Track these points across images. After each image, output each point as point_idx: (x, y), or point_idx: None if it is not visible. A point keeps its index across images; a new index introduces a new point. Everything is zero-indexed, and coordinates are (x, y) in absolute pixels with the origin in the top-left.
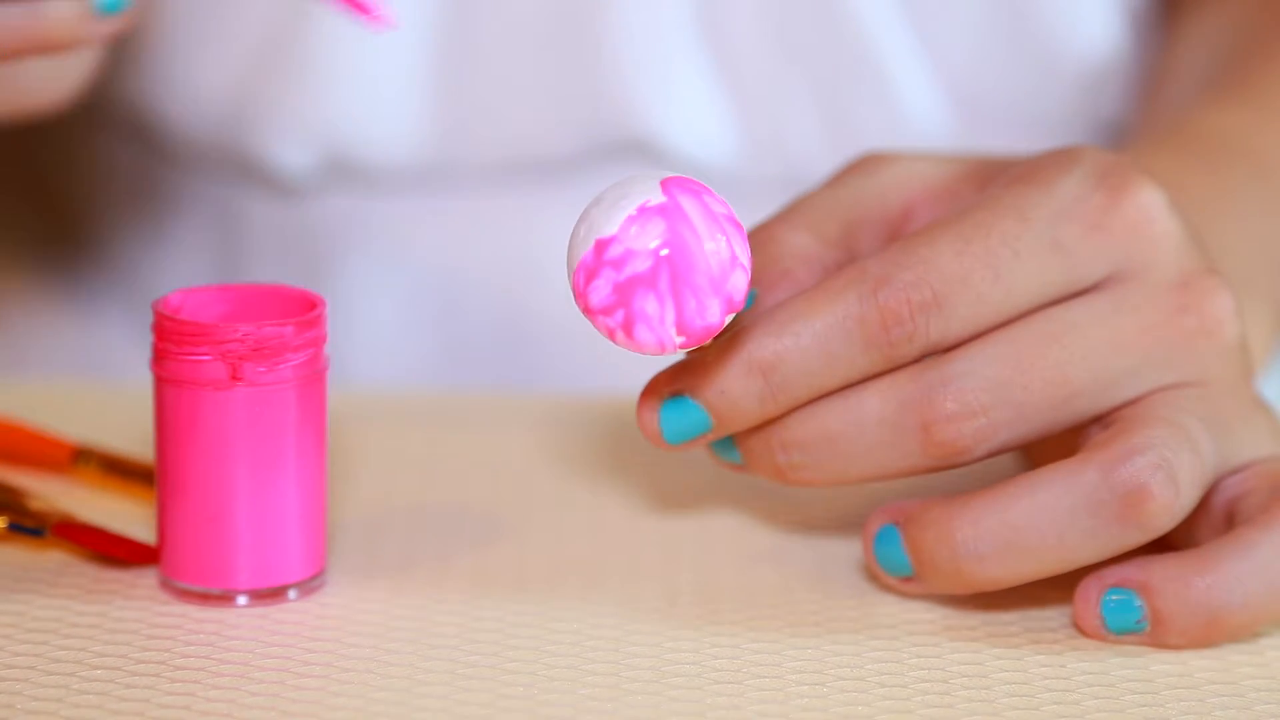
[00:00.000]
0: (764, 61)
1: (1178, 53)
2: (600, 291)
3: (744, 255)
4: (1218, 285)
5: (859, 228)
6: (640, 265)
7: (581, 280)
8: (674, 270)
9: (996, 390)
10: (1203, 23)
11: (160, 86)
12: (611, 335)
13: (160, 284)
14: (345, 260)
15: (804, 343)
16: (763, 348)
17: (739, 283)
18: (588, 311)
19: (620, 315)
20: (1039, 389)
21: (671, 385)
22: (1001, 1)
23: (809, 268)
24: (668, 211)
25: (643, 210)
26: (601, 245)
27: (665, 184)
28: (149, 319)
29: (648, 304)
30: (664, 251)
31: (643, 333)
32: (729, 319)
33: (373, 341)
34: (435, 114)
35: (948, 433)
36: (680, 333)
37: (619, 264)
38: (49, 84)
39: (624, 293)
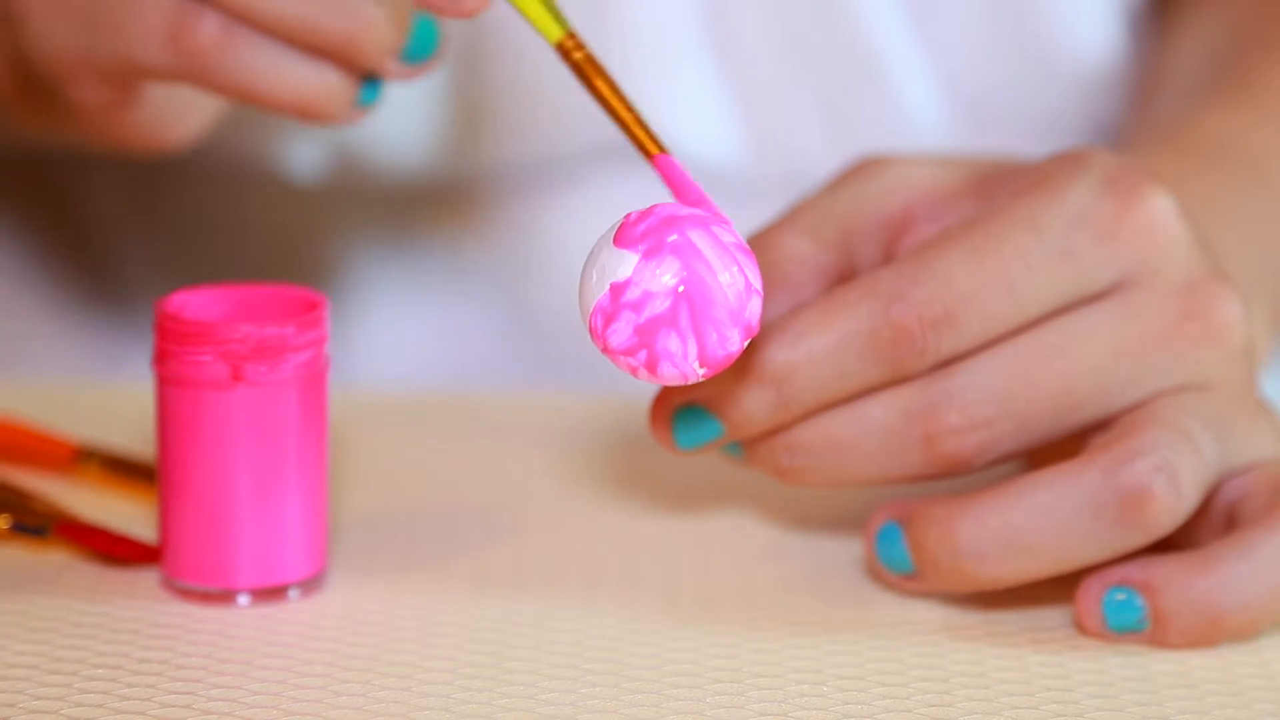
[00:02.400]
0: (768, 63)
1: (1174, 53)
2: (621, 334)
3: (757, 281)
4: (1225, 290)
5: (857, 232)
6: (660, 306)
7: (600, 323)
8: (693, 307)
9: (1000, 403)
10: (1199, 23)
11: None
12: (634, 373)
13: (162, 283)
14: (351, 261)
15: (816, 355)
16: (776, 359)
17: (755, 309)
18: (607, 352)
19: (643, 355)
20: (1043, 401)
21: (685, 395)
22: (1003, 4)
23: (806, 272)
24: (680, 249)
25: (655, 250)
26: (618, 289)
27: (675, 219)
28: (150, 319)
29: (670, 342)
30: (681, 289)
31: (666, 369)
32: (747, 343)
33: (378, 342)
34: (443, 114)
35: (950, 445)
36: (703, 365)
37: (638, 306)
38: (178, 123)
39: (646, 334)
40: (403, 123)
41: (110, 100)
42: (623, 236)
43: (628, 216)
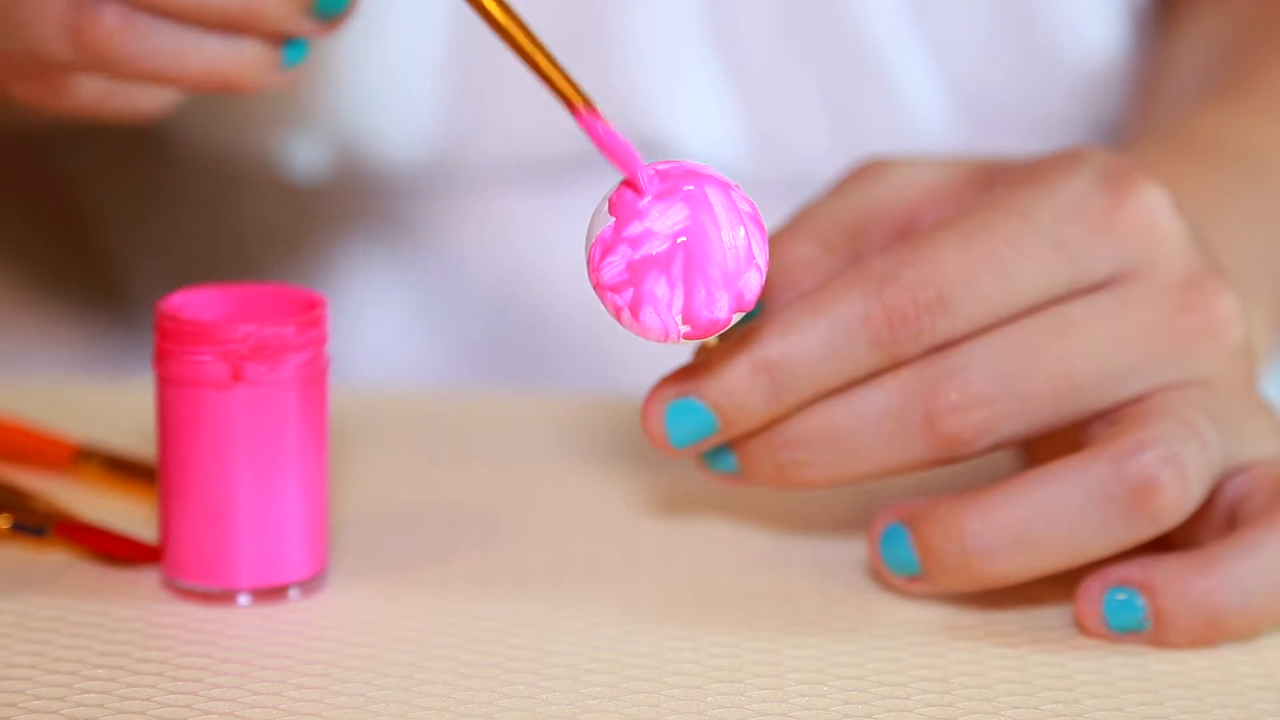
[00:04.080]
0: (771, 63)
1: (1176, 52)
2: (614, 267)
3: (761, 257)
4: (1222, 285)
5: (864, 235)
6: (657, 247)
7: (597, 254)
8: (689, 257)
9: (1000, 382)
10: (1201, 22)
11: None
12: (618, 314)
13: (163, 283)
14: (351, 260)
15: (810, 342)
16: (768, 347)
17: (752, 282)
18: (598, 287)
19: (629, 294)
20: (1042, 381)
21: (677, 388)
22: (1006, 4)
23: (815, 278)
24: (693, 199)
25: (668, 193)
26: (623, 222)
27: (697, 173)
28: (150, 318)
29: (658, 287)
30: (682, 239)
31: (649, 316)
32: (736, 317)
33: (378, 342)
34: (445, 114)
35: (951, 424)
36: (686, 321)
37: (636, 242)
38: (144, 97)
39: (636, 271)
40: (402, 122)
41: (43, 91)
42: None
43: (655, 163)
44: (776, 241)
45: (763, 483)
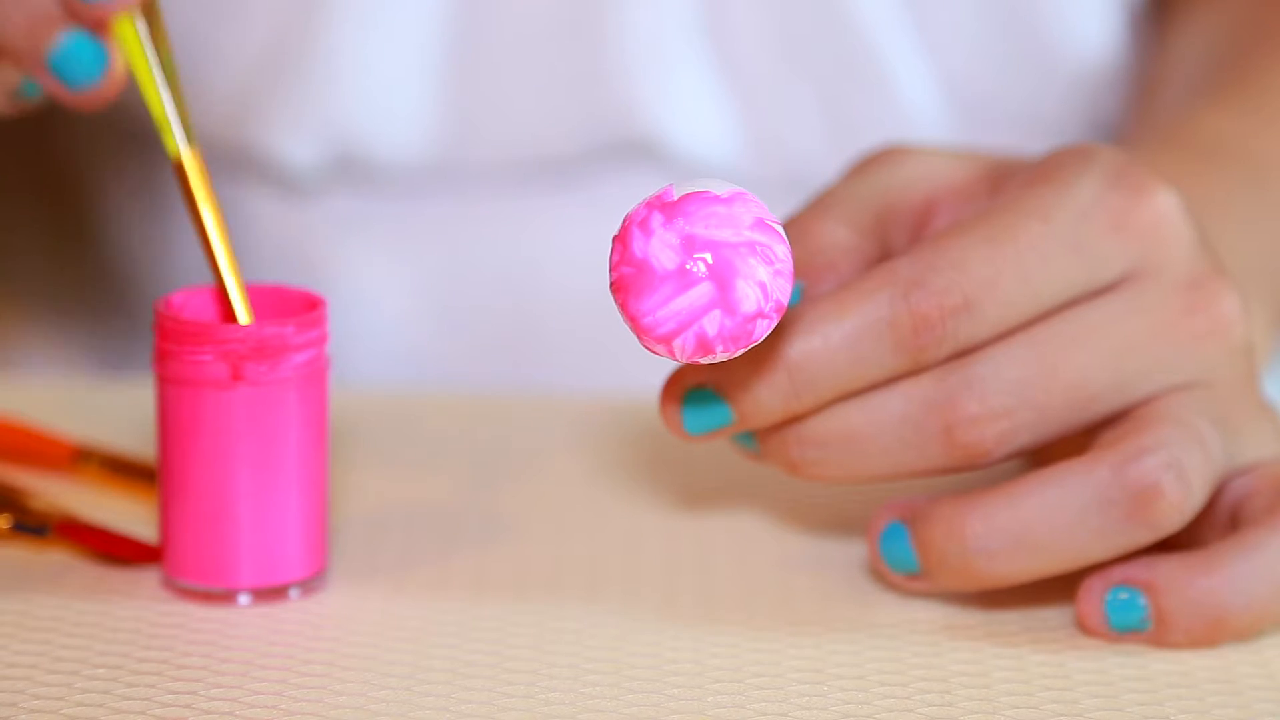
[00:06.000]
0: (767, 63)
1: (1173, 52)
2: (613, 256)
3: (745, 336)
4: (1225, 287)
5: (889, 219)
6: (651, 275)
7: (620, 228)
8: (665, 297)
9: (1019, 393)
10: (1198, 21)
11: None
12: (610, 284)
13: (164, 283)
14: (350, 259)
15: (833, 343)
16: (791, 347)
17: (715, 355)
18: (613, 244)
19: (616, 286)
20: (1060, 391)
21: (697, 377)
22: (1001, 4)
23: (849, 259)
24: (715, 271)
25: (691, 248)
26: (642, 224)
27: (729, 247)
28: (150, 318)
29: (630, 300)
30: (702, 277)
31: (627, 305)
32: (696, 357)
33: (377, 341)
34: (442, 112)
35: (970, 435)
36: (647, 334)
37: (640, 261)
38: None
39: (621, 286)
40: (402, 121)
41: None
42: (691, 209)
43: (713, 192)
44: (808, 222)
45: (778, 468)
